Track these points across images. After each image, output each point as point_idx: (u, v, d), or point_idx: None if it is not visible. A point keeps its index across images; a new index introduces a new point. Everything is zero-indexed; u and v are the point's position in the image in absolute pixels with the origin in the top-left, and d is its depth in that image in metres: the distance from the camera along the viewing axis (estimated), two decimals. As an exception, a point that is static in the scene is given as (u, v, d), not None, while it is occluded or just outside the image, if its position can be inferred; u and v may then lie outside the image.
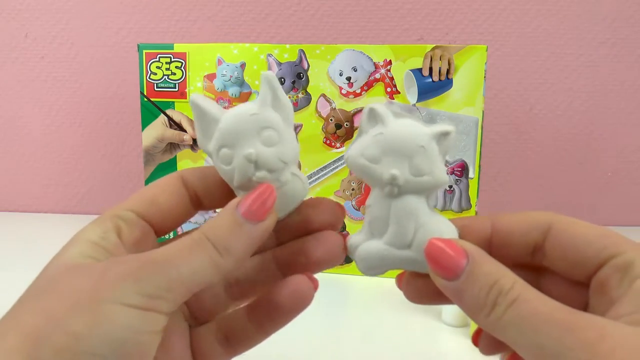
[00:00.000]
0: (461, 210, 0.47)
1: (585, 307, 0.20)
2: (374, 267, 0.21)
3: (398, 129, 0.20)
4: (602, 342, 0.15)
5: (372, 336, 0.38)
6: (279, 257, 0.23)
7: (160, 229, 0.22)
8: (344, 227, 0.49)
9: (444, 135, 0.20)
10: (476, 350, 0.33)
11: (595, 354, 0.15)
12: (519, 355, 0.20)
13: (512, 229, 0.21)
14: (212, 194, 0.22)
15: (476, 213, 0.47)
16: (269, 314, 0.22)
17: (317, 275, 0.23)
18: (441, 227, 0.20)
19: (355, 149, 0.21)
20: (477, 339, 0.22)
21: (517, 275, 0.18)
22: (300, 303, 0.21)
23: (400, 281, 0.23)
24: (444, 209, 0.48)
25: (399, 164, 0.20)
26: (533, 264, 0.22)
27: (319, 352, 0.36)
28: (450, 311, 0.39)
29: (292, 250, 0.22)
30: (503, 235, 0.21)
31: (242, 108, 0.21)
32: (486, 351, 0.22)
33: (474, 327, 0.38)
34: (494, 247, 0.21)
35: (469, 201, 0.47)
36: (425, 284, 0.21)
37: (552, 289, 0.18)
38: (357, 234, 0.22)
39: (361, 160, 0.21)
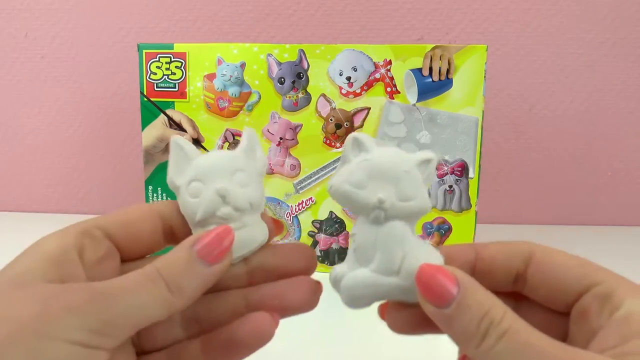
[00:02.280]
0: (461, 210, 0.47)
1: (563, 337, 0.20)
2: (360, 297, 0.21)
3: (383, 156, 0.20)
4: None
5: (372, 336, 0.38)
6: (252, 298, 0.22)
7: (127, 254, 0.21)
8: (342, 227, 0.49)
9: (427, 162, 0.21)
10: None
11: None
12: None
13: (495, 257, 0.21)
14: (188, 229, 0.22)
15: (476, 213, 0.47)
16: (227, 349, 0.21)
17: (317, 274, 0.23)
18: (428, 254, 0.20)
19: (339, 177, 0.21)
20: None
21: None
22: (260, 340, 0.21)
23: (384, 312, 0.22)
24: (444, 209, 0.48)
25: (384, 189, 0.20)
26: (512, 292, 0.22)
27: (318, 352, 0.36)
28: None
29: (266, 293, 0.22)
30: (486, 264, 0.21)
31: (221, 151, 0.22)
32: None
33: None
34: (478, 274, 0.21)
35: (469, 201, 0.47)
36: (410, 314, 0.21)
37: (530, 318, 0.18)
38: (341, 265, 0.21)
39: (346, 186, 0.20)
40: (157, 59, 0.49)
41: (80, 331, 0.16)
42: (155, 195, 0.50)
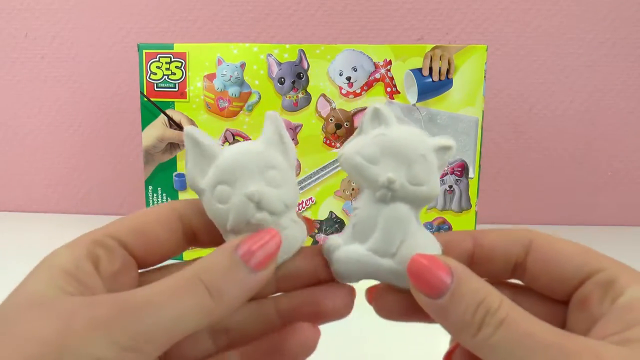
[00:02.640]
0: (461, 210, 0.47)
1: (561, 326, 0.20)
2: (351, 273, 0.20)
3: (401, 133, 0.20)
4: None
5: (372, 336, 0.38)
6: (284, 306, 0.21)
7: (145, 261, 0.20)
8: (342, 227, 0.49)
9: (445, 149, 0.20)
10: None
11: None
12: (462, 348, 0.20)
13: (494, 245, 0.21)
14: (212, 229, 0.20)
15: (476, 213, 0.47)
16: None
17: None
18: (427, 242, 0.20)
19: (352, 147, 0.20)
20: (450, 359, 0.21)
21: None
22: (307, 351, 0.20)
23: (372, 295, 0.22)
24: (444, 209, 0.48)
25: (396, 169, 0.19)
26: (511, 281, 0.21)
27: (317, 352, 0.36)
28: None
29: (300, 300, 0.21)
30: (485, 251, 0.21)
31: (246, 144, 0.20)
32: None
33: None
34: (476, 263, 0.21)
35: (469, 201, 0.47)
36: (399, 299, 0.20)
37: (527, 307, 0.18)
38: (337, 236, 0.21)
39: (357, 158, 0.20)
40: (157, 59, 0.49)
41: (108, 348, 0.15)
42: (155, 195, 0.50)
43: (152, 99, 0.49)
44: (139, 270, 0.20)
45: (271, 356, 0.20)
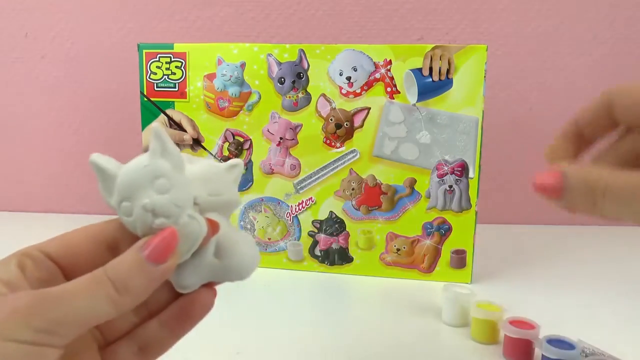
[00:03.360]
0: (461, 210, 0.47)
1: None
2: (186, 281, 0.23)
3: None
4: None
5: (372, 336, 0.38)
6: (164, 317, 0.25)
7: (71, 271, 0.23)
8: (342, 227, 0.49)
9: (234, 166, 0.24)
10: (476, 350, 0.33)
11: None
12: None
13: (583, 113, 0.26)
14: (134, 241, 0.23)
15: (476, 213, 0.47)
16: (181, 321, 0.24)
17: (317, 274, 0.23)
18: (241, 237, 0.23)
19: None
20: None
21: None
22: (207, 310, 0.24)
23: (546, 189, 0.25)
24: (444, 209, 0.47)
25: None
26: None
27: (318, 352, 0.36)
28: (451, 311, 0.39)
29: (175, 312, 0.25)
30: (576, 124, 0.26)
31: (134, 162, 0.23)
32: None
33: (474, 327, 0.38)
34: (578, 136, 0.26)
35: (469, 201, 0.47)
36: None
37: None
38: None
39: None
40: (157, 59, 0.49)
41: (26, 331, 0.18)
42: (155, 195, 0.50)
43: (152, 99, 0.49)
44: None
45: (182, 318, 0.24)
